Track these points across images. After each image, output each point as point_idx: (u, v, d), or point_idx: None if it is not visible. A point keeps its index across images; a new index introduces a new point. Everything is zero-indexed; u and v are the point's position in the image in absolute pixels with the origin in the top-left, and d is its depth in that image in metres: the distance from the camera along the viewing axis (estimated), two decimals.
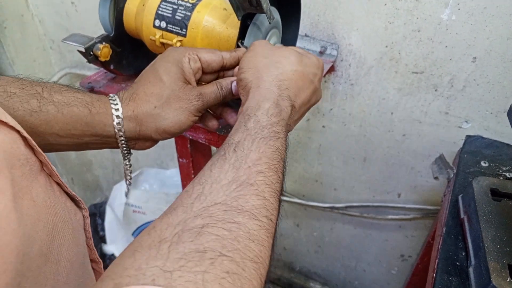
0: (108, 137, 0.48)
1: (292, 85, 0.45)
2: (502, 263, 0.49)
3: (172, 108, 0.47)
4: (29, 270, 0.30)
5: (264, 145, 0.37)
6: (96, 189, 1.74)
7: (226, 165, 0.35)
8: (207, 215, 0.30)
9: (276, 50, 0.48)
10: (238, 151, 0.36)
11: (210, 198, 0.32)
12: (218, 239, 0.28)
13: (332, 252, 1.31)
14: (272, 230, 0.33)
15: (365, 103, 0.89)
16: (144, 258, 0.26)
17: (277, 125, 0.40)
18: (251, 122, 0.40)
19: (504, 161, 0.71)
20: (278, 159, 0.38)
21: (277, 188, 0.36)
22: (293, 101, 0.45)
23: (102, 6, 0.63)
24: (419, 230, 1.06)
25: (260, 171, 0.35)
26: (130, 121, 0.47)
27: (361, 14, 0.76)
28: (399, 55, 0.78)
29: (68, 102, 0.45)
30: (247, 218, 0.31)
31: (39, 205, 0.33)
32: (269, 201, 0.34)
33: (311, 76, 0.48)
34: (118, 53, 0.65)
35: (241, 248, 0.28)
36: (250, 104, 0.42)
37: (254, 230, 0.30)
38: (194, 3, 0.58)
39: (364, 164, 1.01)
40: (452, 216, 0.63)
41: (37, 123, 0.44)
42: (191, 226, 0.29)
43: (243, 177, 0.34)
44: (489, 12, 0.66)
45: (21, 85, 0.44)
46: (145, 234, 0.29)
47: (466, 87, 0.76)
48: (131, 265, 0.26)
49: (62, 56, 1.30)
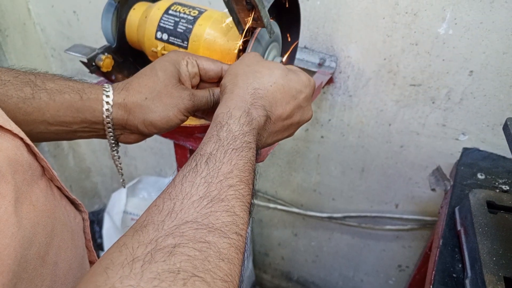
0: (96, 123, 0.48)
1: (268, 95, 0.44)
2: (498, 276, 0.50)
3: (162, 103, 0.48)
4: (25, 272, 0.31)
5: (236, 156, 0.37)
6: (94, 197, 1.73)
7: (198, 179, 0.35)
8: (179, 234, 0.30)
9: (262, 62, 0.48)
10: (210, 164, 0.36)
11: (181, 216, 0.32)
12: (189, 259, 0.28)
13: (330, 262, 1.31)
14: (242, 245, 0.33)
15: (364, 114, 0.89)
16: (118, 276, 0.26)
17: (249, 135, 0.40)
18: (223, 131, 0.39)
19: (500, 174, 0.72)
20: (249, 171, 0.38)
21: (247, 200, 0.36)
22: (268, 111, 0.43)
23: (105, 17, 0.64)
24: (416, 241, 1.06)
25: (231, 185, 0.35)
26: (119, 108, 0.48)
27: (360, 27, 0.77)
28: (397, 67, 0.79)
29: (60, 89, 0.46)
30: (217, 237, 0.31)
31: (38, 209, 0.34)
32: (239, 216, 0.34)
33: (294, 92, 0.46)
34: (119, 63, 0.66)
35: (212, 268, 0.29)
36: (222, 110, 0.41)
37: (224, 249, 0.31)
38: (196, 16, 0.60)
39: (362, 175, 1.01)
40: (449, 228, 0.64)
41: (29, 110, 0.44)
42: (163, 246, 0.29)
43: (214, 192, 0.34)
44: (485, 27, 0.67)
45: (15, 73, 0.45)
46: (115, 251, 0.29)
47: (463, 100, 0.77)
48: (104, 283, 0.26)
49: (63, 64, 1.31)
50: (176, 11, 0.61)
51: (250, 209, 0.37)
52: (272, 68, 0.46)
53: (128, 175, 1.55)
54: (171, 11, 0.61)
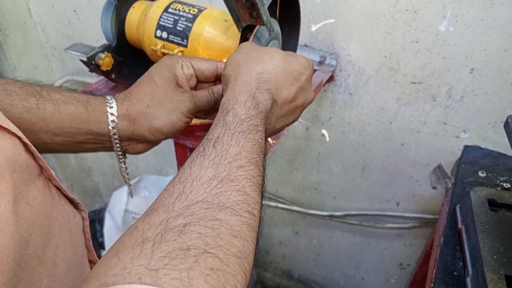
0: (102, 135, 0.48)
1: (272, 79, 0.44)
2: (499, 274, 0.50)
3: (165, 108, 0.48)
4: (23, 271, 0.31)
5: (243, 139, 0.37)
6: (96, 196, 1.74)
7: (206, 162, 0.35)
8: (189, 214, 0.30)
9: (260, 48, 0.48)
10: (218, 147, 0.36)
11: (191, 197, 0.31)
12: (201, 236, 0.28)
13: (330, 260, 1.31)
14: (255, 224, 0.33)
15: (364, 112, 0.89)
16: (128, 257, 0.26)
17: (255, 118, 0.40)
18: (229, 116, 0.39)
19: (501, 171, 0.72)
20: (258, 152, 0.37)
21: (258, 181, 0.36)
22: (273, 94, 0.43)
23: (105, 16, 0.64)
24: (417, 239, 1.06)
25: (240, 166, 0.35)
26: (124, 119, 0.48)
27: (360, 25, 0.77)
28: (397, 65, 0.79)
29: (65, 100, 0.46)
30: (229, 215, 0.31)
31: (35, 209, 0.34)
32: (251, 196, 0.34)
33: (295, 73, 0.47)
34: (119, 62, 0.66)
35: (224, 244, 0.29)
36: (228, 97, 0.41)
37: (236, 226, 0.30)
38: (195, 14, 0.59)
39: (363, 173, 1.01)
40: (450, 226, 0.63)
41: (34, 121, 0.45)
42: (173, 225, 0.29)
43: (223, 173, 0.34)
44: (486, 24, 0.67)
45: (20, 84, 0.46)
46: (127, 235, 0.29)
47: (464, 97, 0.77)
48: (115, 265, 0.26)
49: (64, 63, 1.31)
50: (175, 9, 0.60)
51: (262, 190, 0.37)
52: (271, 53, 0.46)
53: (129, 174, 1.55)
54: (171, 9, 0.61)
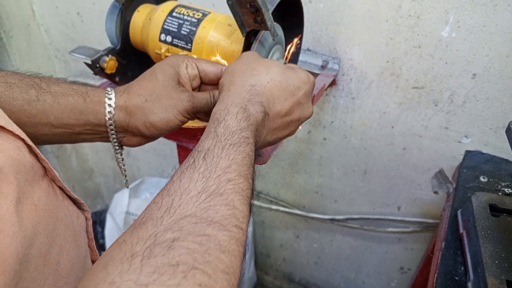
0: (99, 126, 0.49)
1: (265, 92, 0.44)
2: (500, 279, 0.50)
3: (162, 104, 0.48)
4: (27, 271, 0.31)
5: (234, 151, 0.37)
6: (97, 197, 1.74)
7: (196, 175, 0.35)
8: (177, 229, 0.30)
9: (260, 60, 0.48)
10: (208, 159, 0.36)
11: (179, 211, 0.31)
12: (189, 252, 0.28)
13: (331, 264, 1.31)
14: (242, 238, 0.33)
15: (366, 116, 0.90)
16: (117, 271, 0.26)
17: (246, 130, 0.40)
18: (220, 127, 0.39)
19: (503, 177, 0.72)
20: (248, 165, 0.37)
21: (247, 194, 0.36)
22: (265, 107, 0.43)
23: (109, 19, 0.64)
24: (418, 243, 1.06)
25: (230, 179, 0.35)
26: (121, 111, 0.48)
27: (363, 30, 0.78)
28: (400, 70, 0.79)
29: (64, 92, 0.47)
30: (217, 230, 0.31)
31: (40, 209, 0.34)
32: (239, 210, 0.34)
33: (292, 88, 0.46)
34: (123, 65, 0.67)
35: (212, 260, 0.29)
36: (220, 108, 0.41)
37: (224, 241, 0.30)
38: (200, 18, 0.60)
39: (365, 177, 1.01)
40: (451, 230, 0.64)
41: (34, 113, 0.45)
42: (162, 240, 0.29)
43: (212, 187, 0.34)
44: (488, 30, 0.67)
45: (20, 76, 0.46)
46: (115, 248, 0.29)
47: (465, 102, 0.77)
48: (103, 279, 0.26)
49: (67, 65, 1.32)
50: (180, 14, 0.61)
51: (250, 203, 0.37)
52: (269, 66, 0.46)
53: (131, 176, 1.56)
54: (175, 13, 0.61)
